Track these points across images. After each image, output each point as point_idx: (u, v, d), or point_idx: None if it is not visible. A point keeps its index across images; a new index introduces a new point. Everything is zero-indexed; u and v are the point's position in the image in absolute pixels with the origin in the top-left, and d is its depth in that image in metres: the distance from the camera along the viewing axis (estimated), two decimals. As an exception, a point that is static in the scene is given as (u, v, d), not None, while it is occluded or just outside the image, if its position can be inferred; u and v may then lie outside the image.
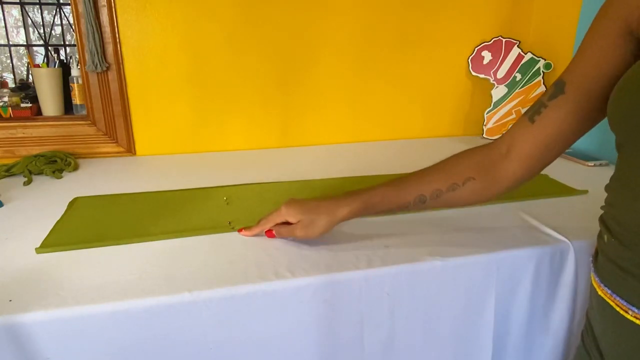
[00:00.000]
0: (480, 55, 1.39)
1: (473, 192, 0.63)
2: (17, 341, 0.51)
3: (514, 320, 0.73)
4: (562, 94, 0.55)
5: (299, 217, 0.66)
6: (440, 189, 0.64)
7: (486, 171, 0.62)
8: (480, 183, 0.63)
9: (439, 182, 0.64)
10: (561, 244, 0.71)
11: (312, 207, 0.66)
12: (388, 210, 0.66)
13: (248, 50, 1.23)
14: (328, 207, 0.66)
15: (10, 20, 2.15)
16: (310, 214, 0.66)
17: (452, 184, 0.63)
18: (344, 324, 0.64)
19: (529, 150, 0.59)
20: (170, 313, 0.55)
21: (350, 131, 1.39)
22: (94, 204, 0.85)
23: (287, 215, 0.67)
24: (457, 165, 0.65)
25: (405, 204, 0.65)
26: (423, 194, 0.64)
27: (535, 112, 0.58)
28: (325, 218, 0.65)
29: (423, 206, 0.65)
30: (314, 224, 0.65)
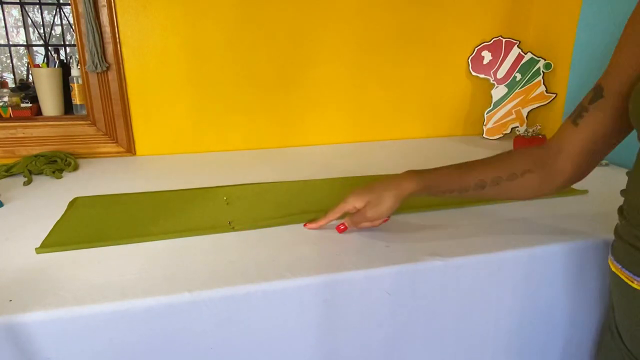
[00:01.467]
0: (480, 55, 1.39)
1: (530, 184, 0.65)
2: (17, 341, 0.51)
3: (515, 320, 0.73)
4: (601, 98, 0.58)
5: (366, 198, 0.68)
6: (500, 176, 0.66)
7: (543, 166, 0.64)
8: (537, 176, 0.65)
9: (499, 170, 0.66)
10: (561, 244, 0.71)
11: (377, 186, 0.69)
12: (449, 190, 0.68)
13: (248, 50, 1.23)
14: (394, 182, 0.68)
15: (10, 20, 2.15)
16: (376, 192, 0.68)
17: (512, 173, 0.65)
18: (344, 324, 0.64)
19: (577, 151, 0.62)
20: (170, 313, 0.55)
21: (350, 131, 1.39)
22: (94, 204, 0.85)
23: (353, 200, 0.69)
24: (516, 157, 0.67)
25: (465, 186, 0.67)
26: (483, 179, 0.66)
27: (577, 115, 0.61)
28: (392, 192, 0.67)
29: (482, 192, 0.67)
30: (381, 200, 0.67)
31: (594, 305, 0.76)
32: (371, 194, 0.68)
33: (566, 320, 0.76)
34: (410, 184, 0.67)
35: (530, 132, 1.24)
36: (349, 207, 0.70)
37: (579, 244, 0.71)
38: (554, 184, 0.65)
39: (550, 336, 0.76)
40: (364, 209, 0.68)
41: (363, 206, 0.68)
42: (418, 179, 0.67)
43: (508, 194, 0.67)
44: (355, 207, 0.69)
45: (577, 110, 0.61)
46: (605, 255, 0.72)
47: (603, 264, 0.74)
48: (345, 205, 0.70)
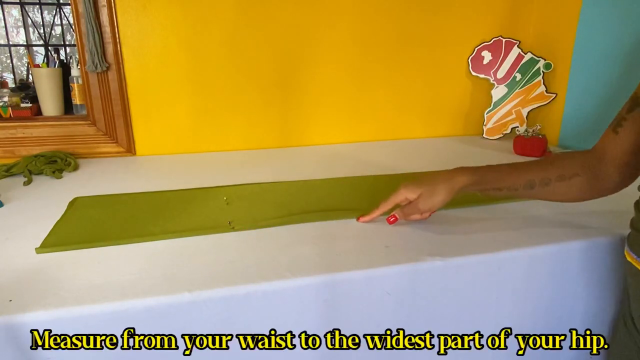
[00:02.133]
0: (480, 55, 1.39)
1: (578, 187, 0.67)
2: (17, 341, 0.51)
3: (515, 320, 0.73)
4: (638, 107, 0.60)
5: (418, 191, 0.69)
6: (549, 177, 0.67)
7: (590, 170, 0.66)
8: (585, 180, 0.66)
9: (548, 171, 0.67)
10: (562, 244, 0.71)
11: (429, 179, 0.70)
12: (498, 188, 0.69)
13: (248, 49, 1.23)
14: (445, 175, 0.69)
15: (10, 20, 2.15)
16: (429, 185, 0.69)
17: (560, 175, 0.67)
18: (344, 324, 0.64)
19: (619, 157, 0.63)
20: (170, 313, 0.55)
21: (350, 131, 1.39)
22: (94, 204, 0.85)
23: (406, 192, 0.70)
24: (564, 160, 0.69)
25: (515, 185, 0.68)
26: (533, 179, 0.68)
27: (617, 124, 0.63)
28: (445, 185, 0.68)
29: (531, 192, 0.68)
30: (434, 192, 0.68)
31: (595, 304, 0.76)
32: (424, 186, 0.69)
33: (567, 319, 0.76)
34: (462, 177, 0.68)
35: (530, 132, 1.24)
36: (401, 199, 0.72)
37: (580, 243, 0.71)
38: (601, 189, 0.67)
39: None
40: (416, 200, 0.70)
41: (416, 198, 0.70)
42: (470, 173, 0.69)
43: (557, 195, 0.68)
44: (408, 199, 0.71)
45: (617, 119, 0.63)
46: (609, 253, 0.73)
47: (605, 262, 0.74)
48: (397, 197, 0.72)
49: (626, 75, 1.13)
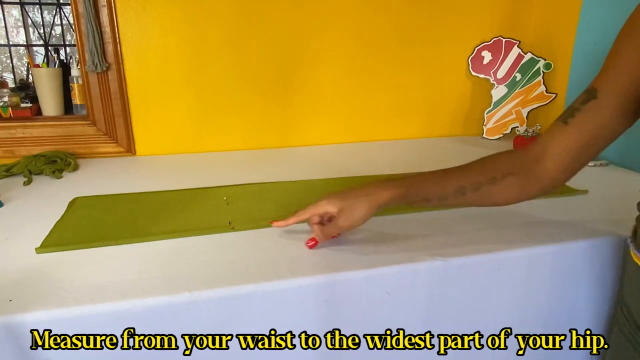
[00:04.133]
0: (480, 55, 1.39)
1: (512, 188, 0.64)
2: (17, 341, 0.51)
3: (515, 320, 0.73)
4: (594, 99, 0.58)
5: (339, 205, 0.64)
6: (480, 181, 0.64)
7: (524, 168, 0.63)
8: (518, 180, 0.63)
9: (479, 174, 0.64)
10: (562, 244, 0.71)
11: (351, 193, 0.65)
12: (427, 199, 0.66)
13: (248, 50, 1.23)
14: (368, 191, 0.65)
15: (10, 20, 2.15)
16: (350, 200, 0.64)
17: (492, 177, 0.64)
18: (344, 324, 0.64)
19: (564, 150, 0.61)
20: (170, 313, 0.55)
21: (350, 131, 1.39)
22: (94, 204, 0.85)
23: (327, 204, 0.65)
24: (496, 161, 0.66)
25: (445, 194, 0.65)
26: (463, 184, 0.64)
27: (568, 115, 0.61)
28: (367, 201, 0.64)
29: (462, 199, 0.65)
30: (355, 209, 0.64)
31: (595, 304, 0.76)
32: (345, 201, 0.64)
33: (567, 319, 0.76)
34: (385, 192, 0.64)
35: (530, 132, 1.24)
36: (321, 211, 0.66)
37: (580, 243, 0.71)
38: (538, 186, 0.64)
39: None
40: (337, 217, 0.65)
41: (335, 212, 0.65)
42: (393, 187, 0.64)
43: (490, 199, 0.65)
44: (327, 212, 0.66)
45: (569, 110, 0.61)
46: (610, 253, 0.73)
47: (605, 262, 0.74)
48: (316, 208, 0.66)
49: (626, 75, 1.13)
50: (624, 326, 0.63)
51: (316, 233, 0.67)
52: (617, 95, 0.57)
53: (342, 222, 0.64)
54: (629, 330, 0.62)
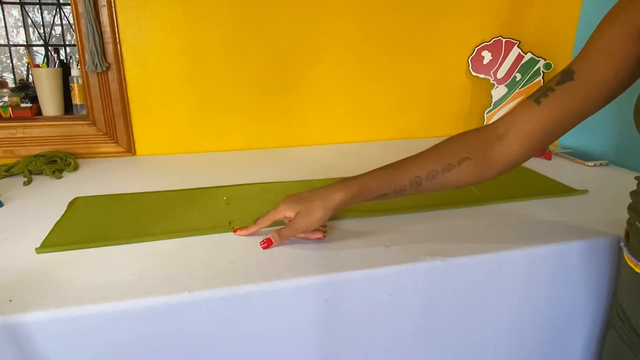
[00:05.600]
0: (480, 55, 1.39)
1: (469, 172, 0.64)
2: (17, 341, 0.51)
3: (515, 320, 0.73)
4: (571, 81, 0.58)
5: (296, 209, 0.66)
6: (436, 170, 0.64)
7: (481, 151, 0.63)
8: (475, 163, 0.63)
9: (434, 162, 0.64)
10: (562, 244, 0.71)
11: (307, 196, 0.67)
12: (384, 194, 0.66)
13: (248, 50, 1.23)
14: (322, 193, 0.66)
15: (10, 20, 2.15)
16: (306, 203, 0.66)
17: (447, 164, 0.64)
18: (344, 324, 0.64)
19: (531, 130, 0.60)
20: (170, 313, 0.55)
21: (350, 131, 1.39)
22: (94, 204, 0.85)
23: (284, 209, 0.67)
24: (451, 146, 0.66)
25: (401, 186, 0.65)
26: (419, 175, 0.64)
27: (541, 94, 0.60)
28: (321, 204, 0.65)
29: (419, 188, 0.65)
30: (310, 211, 0.65)
31: (595, 304, 0.77)
32: (300, 205, 0.66)
33: (567, 319, 0.76)
34: (339, 194, 0.65)
35: (530, 132, 1.24)
36: (280, 216, 0.68)
37: (580, 243, 0.71)
38: (497, 168, 0.63)
39: (551, 336, 0.76)
40: (294, 220, 0.66)
41: (293, 215, 0.67)
42: (347, 188, 0.65)
43: (447, 185, 0.65)
44: (286, 217, 0.68)
45: (542, 90, 0.60)
46: (610, 253, 0.73)
47: (604, 262, 0.74)
48: (275, 214, 0.68)
49: (626, 75, 1.13)
50: (619, 327, 0.63)
51: (273, 235, 0.68)
52: (594, 77, 0.57)
53: (297, 225, 0.66)
54: (624, 331, 0.62)
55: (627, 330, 0.61)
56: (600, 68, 0.56)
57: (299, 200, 0.67)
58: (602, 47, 0.56)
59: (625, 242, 0.61)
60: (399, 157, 0.69)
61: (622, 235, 0.63)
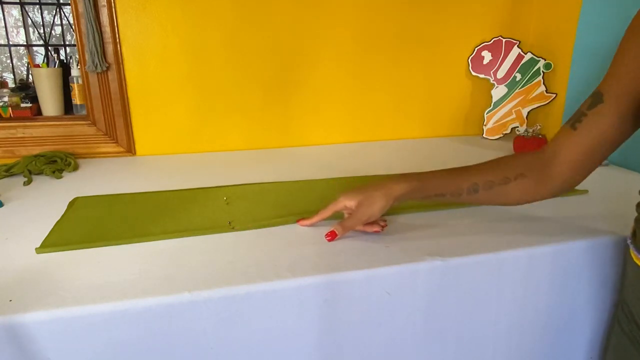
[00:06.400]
0: (480, 55, 1.39)
1: (524, 189, 0.65)
2: (17, 341, 0.51)
3: (515, 320, 0.73)
4: (601, 103, 0.59)
5: (357, 198, 0.68)
6: (493, 180, 0.66)
7: (537, 170, 0.65)
8: (530, 181, 0.65)
9: (492, 173, 0.66)
10: (561, 244, 0.71)
11: (368, 187, 0.69)
12: (441, 194, 0.68)
13: (248, 50, 1.23)
14: (384, 183, 0.68)
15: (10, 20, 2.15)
16: (367, 192, 0.68)
17: (504, 177, 0.65)
18: (344, 324, 0.64)
19: (574, 155, 0.62)
20: (170, 313, 0.55)
21: (350, 131, 1.39)
22: (94, 204, 0.85)
23: (345, 200, 0.70)
24: (509, 161, 0.67)
25: (458, 190, 0.67)
26: (476, 182, 0.66)
27: (576, 120, 0.61)
28: (383, 193, 0.67)
29: (475, 196, 0.67)
30: (372, 200, 0.67)
31: (596, 303, 0.76)
32: (362, 195, 0.68)
33: (566, 319, 0.76)
34: (400, 185, 0.67)
35: (530, 132, 1.24)
36: (340, 206, 0.71)
37: (580, 243, 0.71)
38: (549, 189, 0.65)
39: (551, 336, 0.76)
40: (355, 210, 0.68)
41: (354, 206, 0.69)
42: (408, 181, 0.67)
43: (502, 198, 0.67)
44: (347, 207, 0.70)
45: (576, 116, 0.62)
46: (610, 253, 0.73)
47: (605, 261, 0.74)
48: (336, 205, 0.71)
49: (626, 75, 1.13)
50: (625, 326, 0.63)
51: (336, 227, 0.70)
52: (623, 98, 0.57)
53: (360, 215, 0.68)
54: (630, 330, 0.62)
55: (633, 328, 0.61)
56: (627, 86, 0.57)
57: (360, 191, 0.69)
58: (627, 65, 0.57)
59: (632, 240, 0.61)
60: (399, 157, 0.69)
61: (629, 233, 0.63)
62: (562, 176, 0.63)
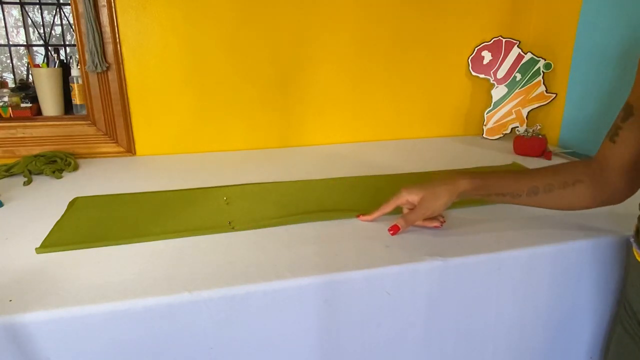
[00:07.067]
0: (480, 55, 1.39)
1: (582, 194, 0.66)
2: (17, 341, 0.51)
3: (515, 320, 0.73)
4: (632, 116, 0.60)
5: (421, 194, 0.69)
6: (552, 184, 0.67)
7: (594, 177, 0.66)
8: (588, 187, 0.66)
9: (551, 177, 0.67)
10: (562, 244, 0.71)
11: (431, 182, 0.70)
12: (501, 194, 0.69)
13: (248, 50, 1.23)
14: (447, 179, 0.69)
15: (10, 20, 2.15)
16: (431, 188, 0.69)
17: (563, 181, 0.67)
18: (344, 324, 0.64)
19: (621, 166, 0.63)
20: (170, 313, 0.55)
21: (350, 131, 1.39)
22: (94, 204, 0.85)
23: (407, 194, 0.70)
24: (567, 167, 0.69)
25: (518, 191, 0.68)
26: (536, 185, 0.67)
27: (613, 134, 0.63)
28: (447, 188, 0.68)
29: (535, 199, 0.68)
30: (436, 195, 0.68)
31: (596, 304, 0.76)
32: (425, 190, 0.69)
33: (567, 319, 0.76)
34: (464, 181, 0.68)
35: (530, 132, 1.24)
36: (402, 201, 0.71)
37: (580, 243, 0.71)
38: (607, 196, 0.66)
39: (551, 336, 0.76)
40: (418, 204, 0.69)
41: (417, 200, 0.69)
42: (472, 177, 0.68)
43: (561, 202, 0.68)
44: (409, 201, 0.71)
45: (613, 128, 0.63)
46: (610, 253, 0.73)
47: (605, 260, 0.74)
48: (398, 199, 0.72)
49: (626, 75, 1.13)
50: (628, 325, 0.63)
51: (399, 221, 0.71)
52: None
53: (424, 209, 0.69)
54: (633, 329, 0.62)
55: (636, 327, 0.61)
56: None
57: (424, 186, 0.70)
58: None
59: (636, 238, 0.62)
60: (399, 157, 0.69)
61: (633, 232, 0.63)
62: (616, 185, 0.64)
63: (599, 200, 0.67)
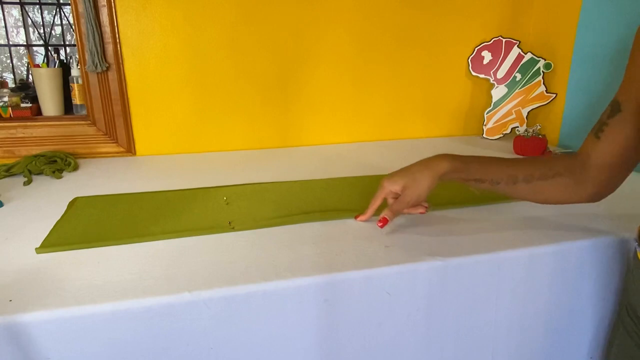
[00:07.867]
0: (480, 55, 1.39)
1: (562, 188, 0.66)
2: (17, 341, 0.51)
3: (515, 320, 0.73)
4: (619, 112, 0.60)
5: (402, 182, 0.69)
6: (532, 174, 0.66)
7: (574, 172, 0.65)
8: (568, 181, 0.65)
9: (531, 167, 0.67)
10: (562, 244, 0.71)
11: (410, 168, 0.70)
12: (481, 180, 0.68)
13: (248, 50, 1.23)
14: (426, 163, 0.69)
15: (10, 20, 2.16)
16: (411, 174, 0.69)
17: (543, 173, 0.66)
18: (344, 323, 0.64)
19: (603, 162, 0.62)
20: (170, 313, 0.55)
21: (350, 131, 1.39)
22: (94, 203, 0.85)
23: (390, 184, 0.70)
24: (549, 160, 0.68)
25: (497, 178, 0.67)
26: (516, 174, 0.67)
27: (598, 129, 0.62)
28: (428, 173, 0.68)
29: (513, 188, 0.67)
30: (418, 181, 0.68)
31: (596, 305, 0.76)
32: (406, 177, 0.69)
33: (566, 319, 0.76)
34: (444, 163, 0.68)
35: (530, 132, 1.24)
36: (386, 192, 0.71)
37: (580, 243, 0.71)
38: (585, 192, 0.65)
39: (551, 336, 0.76)
40: (402, 193, 0.69)
41: (400, 189, 0.69)
42: (451, 159, 0.68)
43: (540, 194, 0.67)
44: (392, 191, 0.70)
45: (598, 124, 0.62)
46: (610, 253, 0.73)
47: (605, 261, 0.74)
48: (382, 191, 0.71)
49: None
50: (630, 326, 0.63)
51: (385, 212, 0.70)
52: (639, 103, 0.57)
53: (408, 197, 0.69)
54: (635, 331, 0.62)
55: (638, 329, 0.61)
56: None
57: (403, 174, 0.69)
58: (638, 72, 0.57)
59: (639, 240, 0.62)
60: (399, 157, 0.69)
61: (636, 235, 0.63)
62: (596, 181, 0.64)
63: (576, 196, 0.65)
